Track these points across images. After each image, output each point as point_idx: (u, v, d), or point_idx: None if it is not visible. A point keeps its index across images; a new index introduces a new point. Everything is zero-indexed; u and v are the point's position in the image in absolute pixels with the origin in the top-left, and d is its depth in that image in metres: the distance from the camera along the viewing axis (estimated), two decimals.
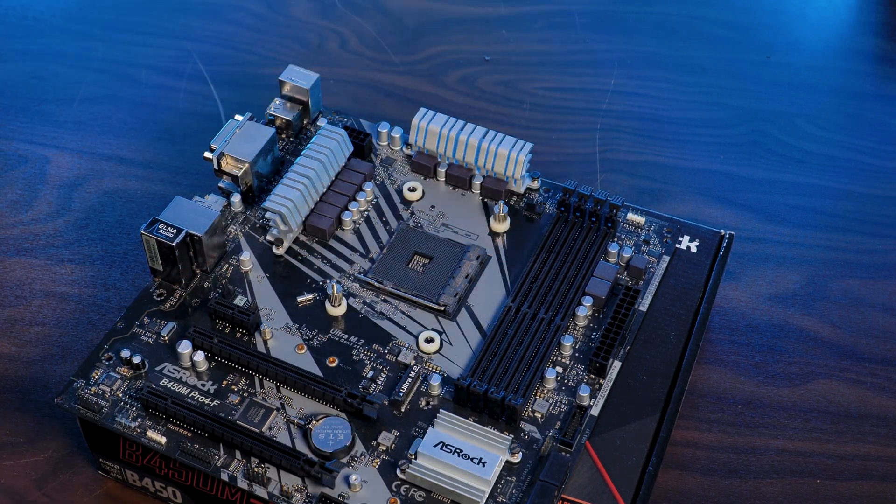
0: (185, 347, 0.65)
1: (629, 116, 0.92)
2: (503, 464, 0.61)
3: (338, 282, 0.70)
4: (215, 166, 0.72)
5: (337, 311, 0.68)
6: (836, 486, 0.70)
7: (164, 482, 0.66)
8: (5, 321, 0.77)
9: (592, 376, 0.65)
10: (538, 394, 0.64)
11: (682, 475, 0.70)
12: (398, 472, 0.61)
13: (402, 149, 0.77)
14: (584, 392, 0.63)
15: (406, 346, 0.66)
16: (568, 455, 0.61)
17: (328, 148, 0.73)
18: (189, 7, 1.00)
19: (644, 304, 0.69)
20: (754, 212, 0.85)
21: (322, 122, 0.78)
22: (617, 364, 0.66)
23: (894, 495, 0.69)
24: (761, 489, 0.69)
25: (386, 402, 0.63)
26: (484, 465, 0.60)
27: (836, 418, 0.73)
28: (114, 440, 0.65)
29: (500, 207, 0.72)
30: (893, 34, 1.00)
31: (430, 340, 0.66)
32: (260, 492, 0.60)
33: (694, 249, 0.72)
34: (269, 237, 0.71)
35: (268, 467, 0.61)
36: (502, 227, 0.73)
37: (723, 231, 0.73)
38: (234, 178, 0.72)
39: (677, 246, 0.72)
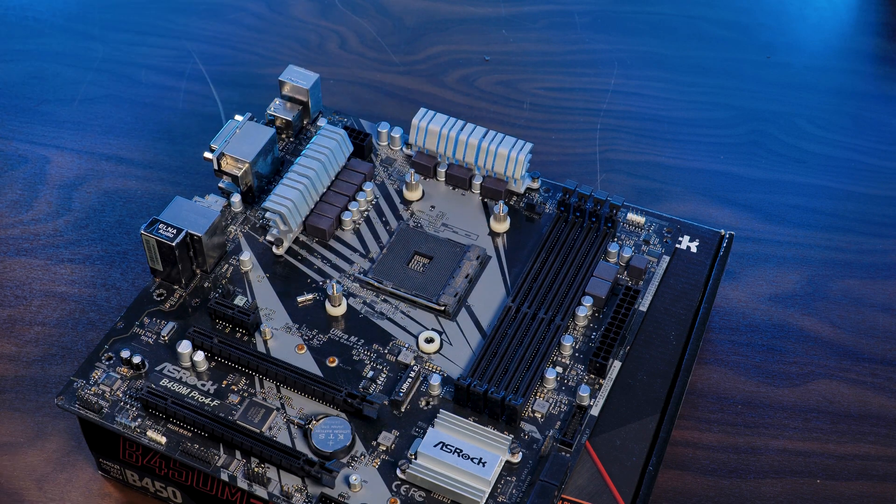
0: (185, 347, 0.65)
1: (629, 116, 0.92)
2: (503, 464, 0.61)
3: (338, 282, 0.70)
4: (215, 166, 0.72)
5: (337, 311, 0.68)
6: (836, 486, 0.70)
7: (164, 482, 0.66)
8: (5, 321, 0.77)
9: (592, 376, 0.65)
10: (538, 394, 0.64)
11: (682, 475, 0.70)
12: (398, 472, 0.61)
13: (402, 149, 0.77)
14: (584, 392, 0.63)
15: (406, 346, 0.66)
16: (568, 455, 0.61)
17: (328, 148, 0.73)
18: (189, 7, 1.00)
19: (644, 305, 0.69)
20: (754, 212, 0.85)
21: (322, 122, 0.78)
22: (617, 364, 0.66)
23: (894, 495, 0.69)
24: (761, 489, 0.69)
25: (386, 402, 0.63)
26: (484, 465, 0.60)
27: (836, 418, 0.73)
28: (114, 440, 0.65)
29: (500, 207, 0.72)
30: (893, 34, 1.00)
31: (430, 340, 0.66)
32: (260, 492, 0.60)
33: (694, 249, 0.72)
34: (269, 237, 0.71)
35: (268, 467, 0.60)
36: (502, 227, 0.73)
37: (723, 231, 0.73)
38: (234, 178, 0.72)
39: (677, 246, 0.72)
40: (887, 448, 0.72)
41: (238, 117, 0.74)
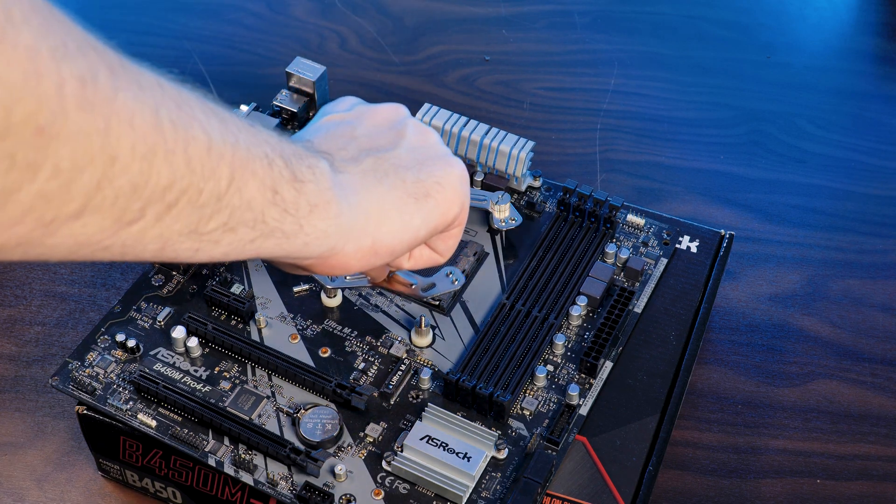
0: (179, 333, 0.65)
1: (629, 116, 0.92)
2: (488, 459, 0.61)
3: None
4: None
5: (332, 301, 0.68)
6: (836, 486, 0.70)
7: (164, 482, 0.66)
8: (5, 321, 0.77)
9: (583, 376, 0.65)
10: (527, 391, 0.64)
11: (682, 475, 0.70)
12: (384, 463, 0.61)
13: None
14: (573, 391, 0.63)
15: (399, 339, 0.66)
16: (554, 454, 0.61)
17: None
18: (189, 7, 1.00)
19: (639, 306, 0.69)
20: (754, 212, 0.85)
21: None
22: (608, 364, 0.65)
23: (894, 495, 0.69)
24: (761, 489, 0.69)
25: (375, 394, 0.63)
26: (469, 460, 0.60)
27: (836, 418, 0.73)
28: (114, 440, 0.65)
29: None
30: (893, 34, 1.00)
31: (419, 332, 0.66)
32: (246, 478, 0.60)
33: (694, 249, 0.72)
34: None
35: (255, 454, 0.61)
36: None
37: (723, 231, 0.73)
38: None
39: (677, 246, 0.72)
40: (887, 448, 0.72)
41: (243, 107, 0.74)
